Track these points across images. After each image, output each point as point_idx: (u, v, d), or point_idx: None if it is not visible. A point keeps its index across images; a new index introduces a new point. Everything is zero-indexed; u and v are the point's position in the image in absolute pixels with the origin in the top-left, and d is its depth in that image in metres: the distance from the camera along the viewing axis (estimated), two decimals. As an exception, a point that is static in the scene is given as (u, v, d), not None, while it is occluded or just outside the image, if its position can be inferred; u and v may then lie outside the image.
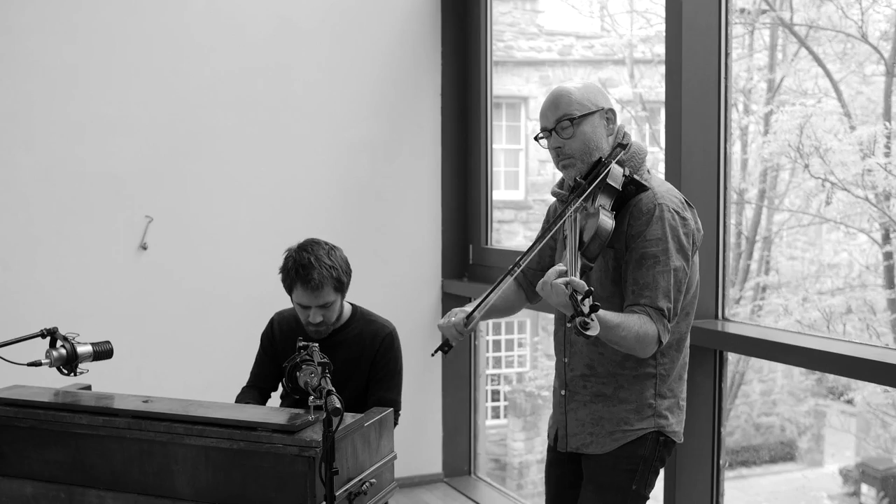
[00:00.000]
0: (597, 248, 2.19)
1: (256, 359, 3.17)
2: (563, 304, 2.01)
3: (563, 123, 2.33)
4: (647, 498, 2.40)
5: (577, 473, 2.49)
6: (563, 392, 2.47)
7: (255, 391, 3.12)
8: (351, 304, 3.10)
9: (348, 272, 2.97)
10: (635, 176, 2.28)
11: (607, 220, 2.21)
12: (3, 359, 2.59)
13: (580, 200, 2.25)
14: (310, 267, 2.86)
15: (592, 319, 1.94)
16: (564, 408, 2.45)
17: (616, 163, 2.30)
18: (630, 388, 2.34)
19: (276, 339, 3.12)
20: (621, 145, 2.36)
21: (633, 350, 2.23)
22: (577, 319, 1.93)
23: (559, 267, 2.10)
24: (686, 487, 3.21)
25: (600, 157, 2.31)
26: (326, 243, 2.97)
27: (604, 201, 2.24)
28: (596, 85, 2.44)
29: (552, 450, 2.57)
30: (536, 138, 2.41)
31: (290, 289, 2.95)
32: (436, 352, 2.36)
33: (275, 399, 3.23)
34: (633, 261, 2.26)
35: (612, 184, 2.26)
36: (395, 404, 3.05)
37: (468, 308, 2.37)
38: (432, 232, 4.83)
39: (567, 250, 2.19)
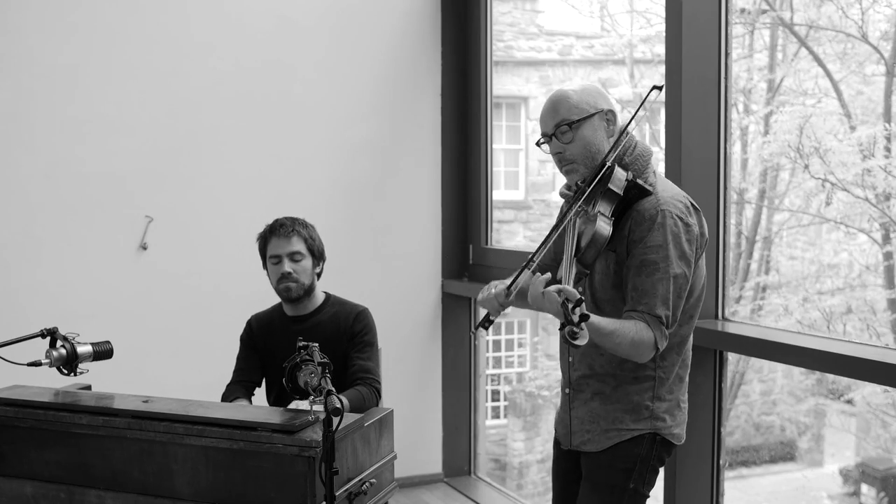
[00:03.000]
0: (593, 255, 2.19)
1: (238, 357, 3.26)
2: (557, 312, 2.03)
3: (562, 128, 2.33)
4: (647, 496, 2.41)
5: (581, 470, 2.50)
6: (567, 390, 2.49)
7: (239, 386, 3.18)
8: (325, 291, 3.22)
9: (320, 242, 3.17)
10: (638, 180, 2.27)
11: (604, 227, 2.20)
12: (3, 359, 2.59)
13: (579, 204, 2.25)
14: (282, 221, 3.13)
15: (581, 328, 1.95)
16: (568, 406, 2.47)
17: (620, 166, 2.29)
18: (628, 389, 2.35)
19: (255, 334, 3.24)
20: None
21: (629, 356, 2.24)
22: (566, 329, 1.95)
23: (546, 276, 2.12)
24: (686, 487, 3.21)
25: (604, 161, 2.29)
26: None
27: (604, 206, 2.23)
28: (595, 86, 2.42)
29: (557, 445, 2.58)
30: (538, 143, 2.41)
31: (264, 247, 3.13)
32: (478, 327, 2.30)
33: (260, 397, 3.26)
34: (633, 267, 2.26)
35: (613, 188, 2.24)
36: (375, 374, 3.10)
37: (507, 281, 2.32)
38: (432, 232, 4.83)
39: (564, 256, 2.20)
